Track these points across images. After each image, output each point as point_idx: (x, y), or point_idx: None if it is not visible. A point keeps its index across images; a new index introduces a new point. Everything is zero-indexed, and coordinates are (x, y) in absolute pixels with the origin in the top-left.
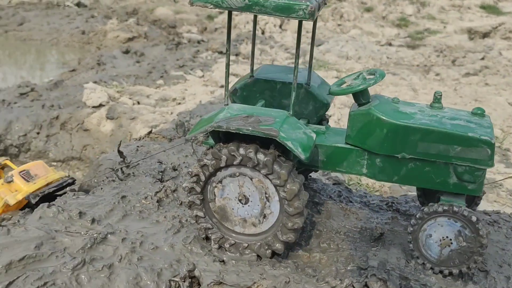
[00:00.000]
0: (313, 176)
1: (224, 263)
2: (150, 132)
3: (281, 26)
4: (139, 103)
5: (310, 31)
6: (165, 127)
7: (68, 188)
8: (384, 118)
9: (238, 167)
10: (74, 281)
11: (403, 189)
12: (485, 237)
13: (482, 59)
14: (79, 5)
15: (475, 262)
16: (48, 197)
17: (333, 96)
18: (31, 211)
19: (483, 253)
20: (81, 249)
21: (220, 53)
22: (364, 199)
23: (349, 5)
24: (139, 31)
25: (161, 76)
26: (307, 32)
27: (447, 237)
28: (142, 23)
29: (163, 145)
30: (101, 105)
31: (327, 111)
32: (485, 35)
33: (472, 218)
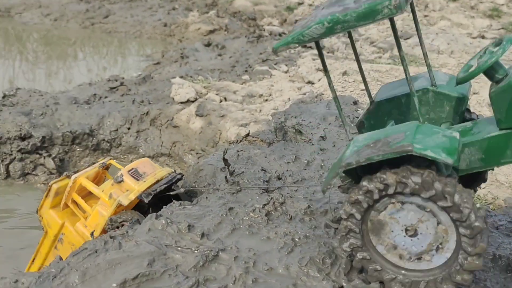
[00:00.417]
0: None
1: None
2: (247, 135)
3: None
4: (226, 99)
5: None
6: (261, 128)
7: (178, 183)
8: None
9: (437, 206)
10: None
11: None
12: None
13: None
14: None
15: None
16: (160, 194)
17: (467, 87)
18: (138, 221)
19: None
20: (193, 267)
21: (304, 47)
22: (490, 219)
23: None
24: (219, 23)
25: (245, 71)
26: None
27: None
28: (222, 15)
29: (263, 150)
30: (188, 101)
31: (467, 105)
32: None
33: None
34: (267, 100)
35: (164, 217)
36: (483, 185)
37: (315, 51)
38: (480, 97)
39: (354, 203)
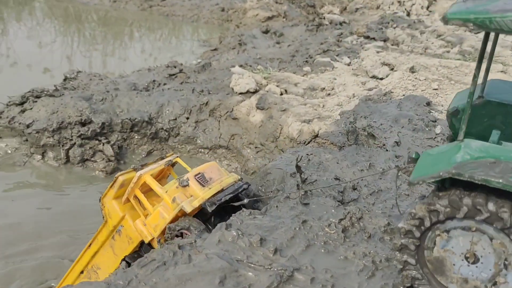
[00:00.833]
0: None
1: None
2: (316, 135)
3: (428, 8)
4: (286, 91)
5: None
6: (329, 129)
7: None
8: None
9: (478, 222)
10: None
11: None
12: None
13: None
14: None
15: None
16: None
17: None
18: (207, 230)
19: None
20: None
21: (367, 38)
22: None
23: None
24: (278, 9)
25: (305, 61)
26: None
27: None
28: (280, 1)
29: (334, 154)
30: (248, 92)
31: None
32: None
33: None
34: (329, 95)
35: (235, 228)
36: None
37: (379, 43)
38: None
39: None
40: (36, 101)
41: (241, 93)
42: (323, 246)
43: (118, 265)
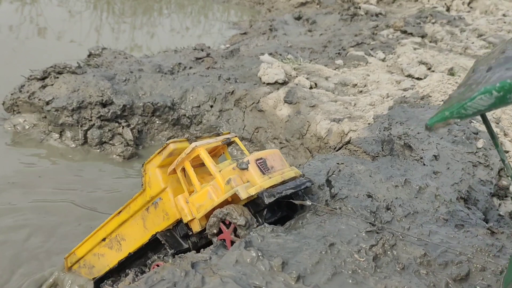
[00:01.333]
0: None
1: None
2: (348, 142)
3: (469, 4)
4: (316, 85)
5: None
6: (361, 134)
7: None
8: None
9: None
10: None
11: None
12: None
13: None
14: None
15: None
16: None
17: None
18: (224, 245)
19: None
20: None
21: (404, 32)
22: None
23: None
24: None
25: (338, 53)
26: (503, 15)
27: None
28: None
29: (367, 165)
30: (276, 83)
31: None
32: None
33: None
34: (361, 92)
35: (255, 248)
36: None
37: (416, 39)
38: None
39: None
40: (57, 77)
41: (269, 84)
42: (351, 275)
43: (146, 240)
